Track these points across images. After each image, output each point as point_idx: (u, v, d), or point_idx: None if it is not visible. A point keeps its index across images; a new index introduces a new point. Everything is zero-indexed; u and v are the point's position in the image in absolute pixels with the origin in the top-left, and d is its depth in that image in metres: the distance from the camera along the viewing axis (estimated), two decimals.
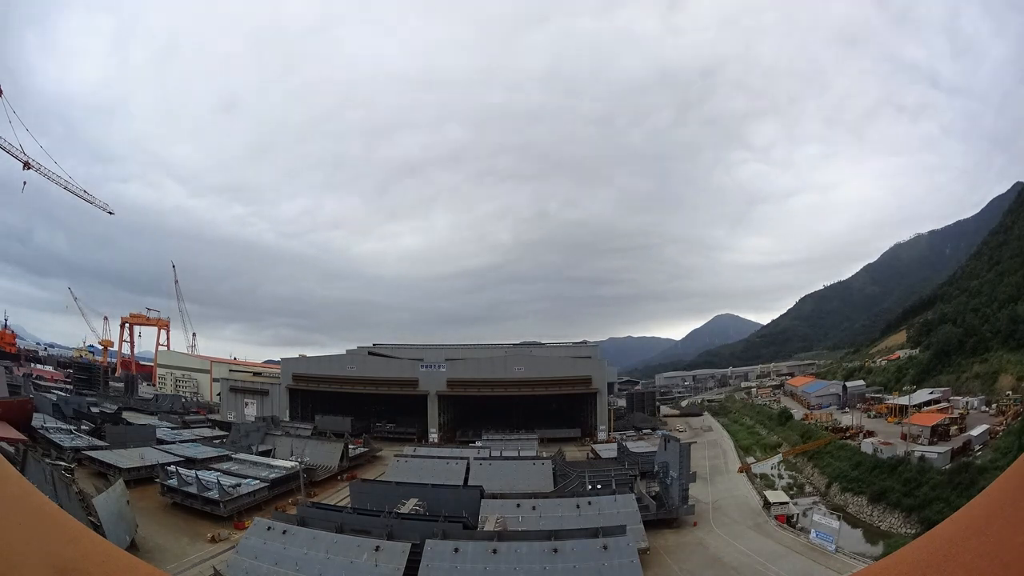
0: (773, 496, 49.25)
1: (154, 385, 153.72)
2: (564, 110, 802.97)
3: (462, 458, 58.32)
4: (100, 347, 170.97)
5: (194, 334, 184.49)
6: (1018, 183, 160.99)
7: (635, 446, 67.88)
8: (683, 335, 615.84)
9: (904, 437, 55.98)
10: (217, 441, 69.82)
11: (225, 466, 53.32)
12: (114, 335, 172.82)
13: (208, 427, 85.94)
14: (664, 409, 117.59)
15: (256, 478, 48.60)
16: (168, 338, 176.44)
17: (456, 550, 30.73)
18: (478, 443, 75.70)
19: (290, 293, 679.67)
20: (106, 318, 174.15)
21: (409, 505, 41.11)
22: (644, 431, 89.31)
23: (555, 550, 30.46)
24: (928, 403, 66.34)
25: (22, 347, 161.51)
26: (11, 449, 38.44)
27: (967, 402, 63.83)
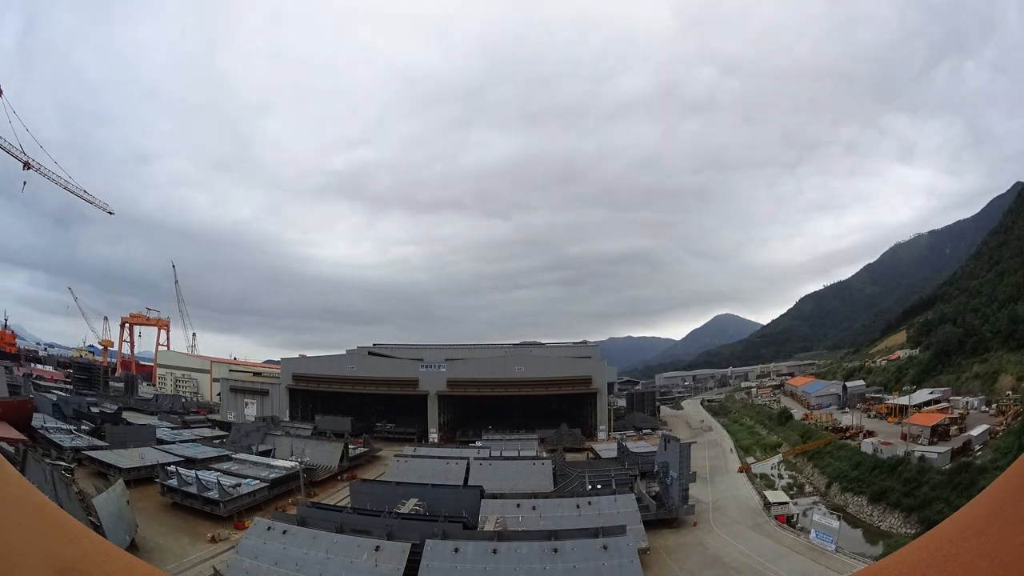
0: (773, 496, 49.25)
1: (154, 385, 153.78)
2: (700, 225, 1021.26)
3: (462, 458, 58.29)
4: (100, 347, 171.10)
5: (194, 334, 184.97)
6: (1018, 183, 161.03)
7: (635, 446, 67.88)
8: (683, 335, 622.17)
9: (904, 437, 55.97)
10: (217, 441, 69.84)
11: (225, 466, 53.32)
12: (114, 335, 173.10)
13: (208, 427, 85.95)
14: (663, 409, 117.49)
15: (256, 478, 48.60)
16: (168, 338, 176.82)
17: (456, 550, 30.74)
18: (478, 443, 75.70)
19: (369, 307, 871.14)
20: (106, 318, 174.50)
21: (409, 505, 41.11)
22: (644, 431, 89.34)
23: (555, 550, 30.46)
24: (928, 403, 66.33)
25: (22, 347, 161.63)
26: (11, 449, 38.47)
27: (967, 402, 63.81)
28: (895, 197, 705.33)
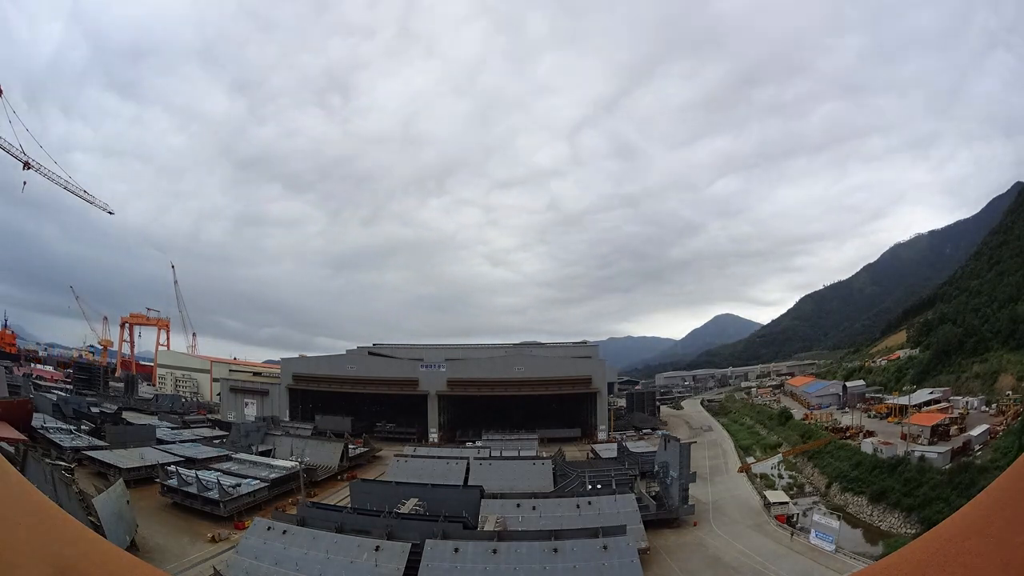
0: (773, 496, 49.23)
1: (154, 385, 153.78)
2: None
3: (462, 458, 58.31)
4: (100, 347, 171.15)
5: (194, 334, 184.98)
6: (1018, 183, 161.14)
7: (635, 446, 67.89)
8: (683, 335, 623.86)
9: (904, 437, 55.92)
10: (217, 441, 69.80)
11: (225, 466, 53.31)
12: (114, 335, 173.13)
13: (208, 427, 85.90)
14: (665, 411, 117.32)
15: (256, 478, 48.59)
16: (168, 338, 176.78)
17: (456, 550, 30.72)
18: (478, 443, 75.70)
19: None
20: (106, 318, 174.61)
21: (409, 505, 41.10)
22: (644, 431, 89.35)
23: (555, 550, 30.45)
24: (928, 403, 66.30)
25: (22, 347, 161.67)
26: (11, 449, 38.44)
27: (967, 402, 63.77)
28: None
